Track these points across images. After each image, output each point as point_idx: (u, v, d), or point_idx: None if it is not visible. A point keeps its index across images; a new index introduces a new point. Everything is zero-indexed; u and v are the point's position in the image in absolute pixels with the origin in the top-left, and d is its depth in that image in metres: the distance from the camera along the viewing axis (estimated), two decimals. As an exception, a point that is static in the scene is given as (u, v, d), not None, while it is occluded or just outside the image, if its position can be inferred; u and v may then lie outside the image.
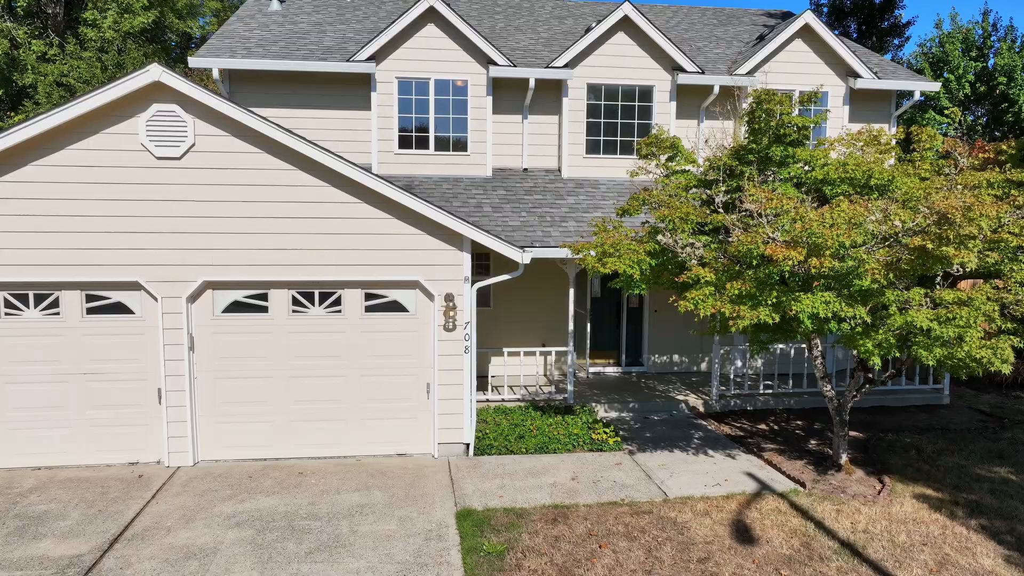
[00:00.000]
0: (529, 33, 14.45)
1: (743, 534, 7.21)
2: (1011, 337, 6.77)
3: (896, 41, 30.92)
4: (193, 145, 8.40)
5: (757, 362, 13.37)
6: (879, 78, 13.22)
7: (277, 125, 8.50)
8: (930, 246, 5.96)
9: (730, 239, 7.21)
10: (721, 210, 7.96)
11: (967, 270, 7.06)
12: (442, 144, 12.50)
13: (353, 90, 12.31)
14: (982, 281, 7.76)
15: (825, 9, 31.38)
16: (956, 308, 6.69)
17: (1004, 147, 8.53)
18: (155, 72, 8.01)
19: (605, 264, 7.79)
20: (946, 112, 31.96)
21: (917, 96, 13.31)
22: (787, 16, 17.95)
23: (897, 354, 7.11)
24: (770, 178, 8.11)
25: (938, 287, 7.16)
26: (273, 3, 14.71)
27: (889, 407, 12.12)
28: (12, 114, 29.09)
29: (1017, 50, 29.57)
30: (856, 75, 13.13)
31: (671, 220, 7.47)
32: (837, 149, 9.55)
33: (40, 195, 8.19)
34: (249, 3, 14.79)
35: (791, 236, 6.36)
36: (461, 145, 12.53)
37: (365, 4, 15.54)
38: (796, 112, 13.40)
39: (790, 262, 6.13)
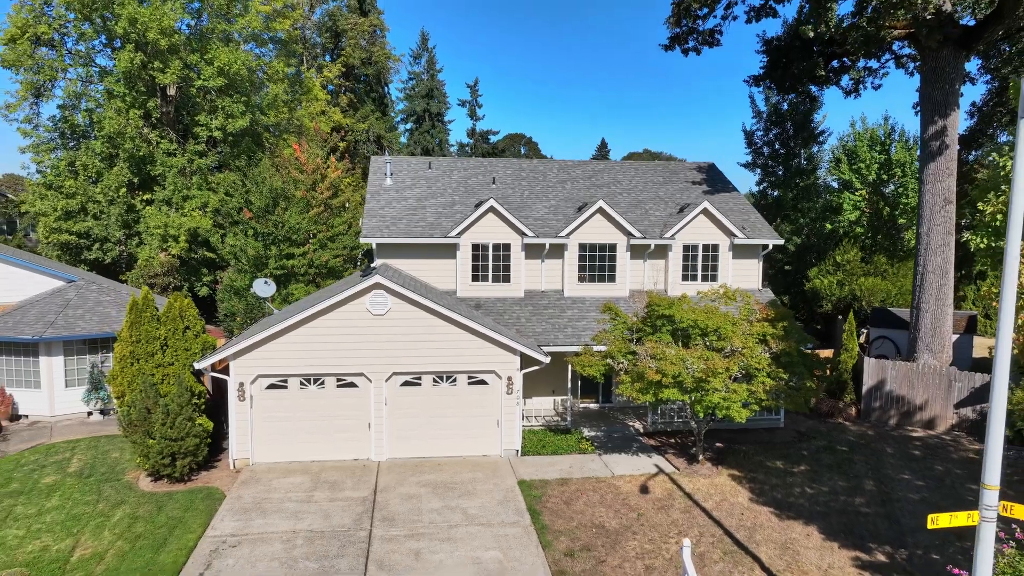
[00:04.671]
0: (543, 201, 23.89)
1: (644, 490, 16.55)
2: (755, 405, 16.21)
3: (820, 139, 40.39)
4: (390, 309, 17.75)
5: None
6: (749, 237, 22.63)
7: (425, 294, 17.89)
8: (703, 376, 15.34)
9: (638, 362, 16.61)
10: (635, 344, 17.38)
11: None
12: (496, 278, 21.89)
13: (446, 249, 21.73)
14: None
15: (764, 113, 40.85)
16: (732, 393, 16.05)
17: (769, 313, 17.85)
18: (376, 278, 17.40)
19: (584, 370, 17.26)
20: (857, 192, 41.43)
21: (771, 247, 22.76)
22: (711, 168, 27.43)
23: (712, 410, 16.47)
24: (660, 328, 17.46)
25: (734, 379, 16.43)
26: (387, 180, 24.14)
27: (748, 429, 21.43)
28: (140, 192, 38.55)
29: (908, 148, 38.95)
30: (735, 235, 22.51)
31: (611, 351, 16.92)
32: (709, 295, 18.87)
33: (321, 334, 17.56)
34: (372, 180, 24.21)
35: (657, 366, 15.75)
36: (507, 279, 21.93)
37: (442, 175, 25.00)
38: (701, 253, 22.82)
39: (655, 379, 15.50)
